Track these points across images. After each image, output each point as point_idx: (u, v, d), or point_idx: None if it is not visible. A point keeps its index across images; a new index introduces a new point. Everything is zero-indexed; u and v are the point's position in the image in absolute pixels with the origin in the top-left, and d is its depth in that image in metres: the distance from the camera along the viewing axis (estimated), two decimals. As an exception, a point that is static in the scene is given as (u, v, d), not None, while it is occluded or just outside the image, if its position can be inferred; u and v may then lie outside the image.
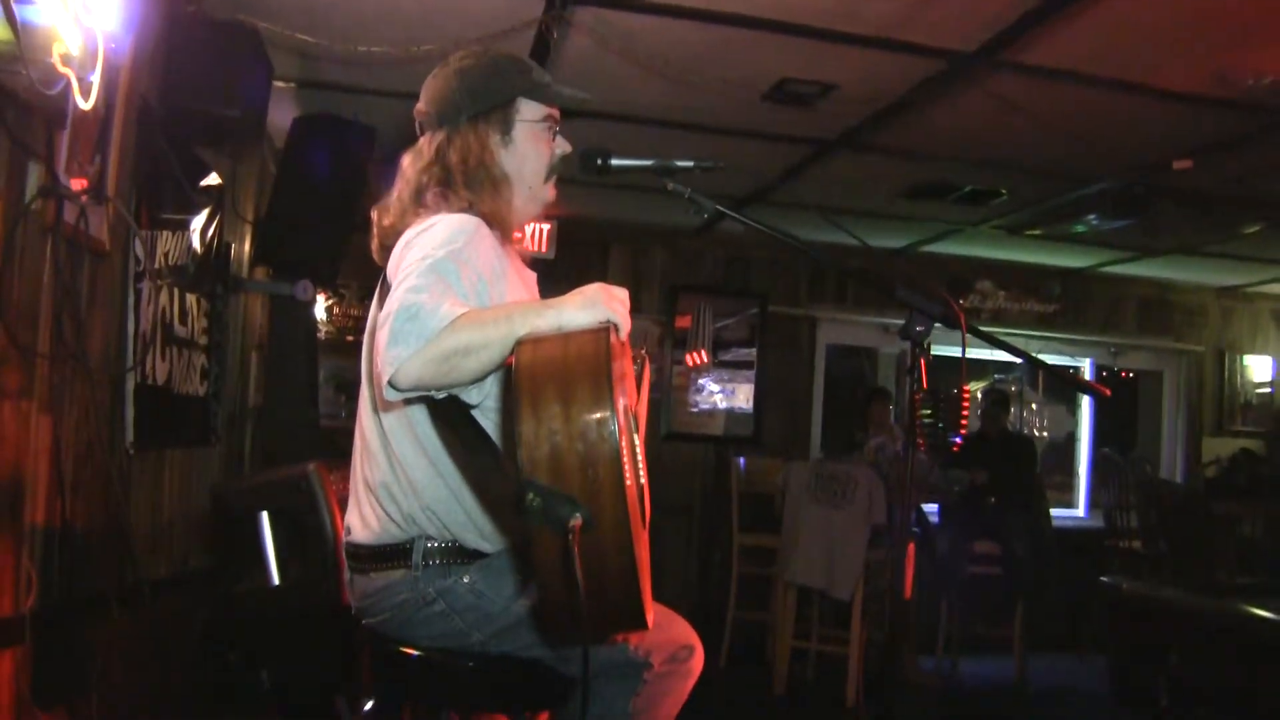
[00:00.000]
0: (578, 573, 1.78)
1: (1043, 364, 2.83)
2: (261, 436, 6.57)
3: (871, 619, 6.70)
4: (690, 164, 2.51)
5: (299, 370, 7.09)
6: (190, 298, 4.75)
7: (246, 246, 6.13)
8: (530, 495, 1.80)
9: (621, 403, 1.90)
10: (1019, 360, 2.95)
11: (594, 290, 2.07)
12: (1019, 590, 7.46)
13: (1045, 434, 10.47)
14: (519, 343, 1.94)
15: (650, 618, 1.99)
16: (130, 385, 4.02)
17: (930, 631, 7.59)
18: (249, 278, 6.19)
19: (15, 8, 2.55)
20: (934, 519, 8.06)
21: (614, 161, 2.52)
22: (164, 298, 4.39)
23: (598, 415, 1.84)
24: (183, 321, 4.65)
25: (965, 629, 7.75)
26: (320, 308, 7.82)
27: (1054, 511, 8.85)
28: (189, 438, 4.93)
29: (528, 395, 1.86)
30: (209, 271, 5.03)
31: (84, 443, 3.53)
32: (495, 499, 2.33)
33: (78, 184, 3.19)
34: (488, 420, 2.26)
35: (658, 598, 2.29)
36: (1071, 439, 10.49)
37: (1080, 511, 10.27)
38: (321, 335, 7.94)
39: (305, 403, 7.09)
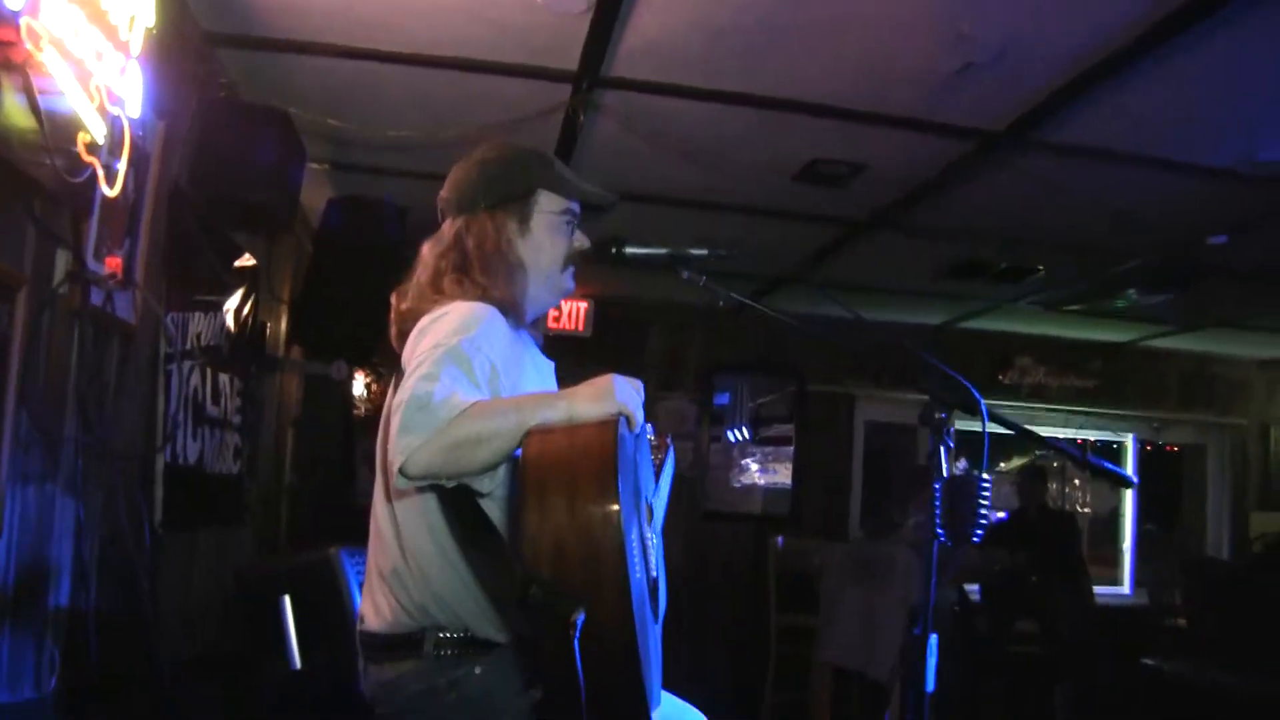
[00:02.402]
0: (578, 668, 1.76)
1: (1054, 445, 2.73)
2: (295, 515, 6.59)
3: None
4: (704, 252, 2.50)
5: (334, 449, 7.12)
6: (223, 377, 4.78)
7: (283, 326, 6.19)
8: (533, 589, 1.78)
9: (631, 495, 1.88)
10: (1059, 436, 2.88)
11: (606, 381, 2.06)
12: (1062, 671, 7.34)
13: (1089, 510, 10.32)
14: (527, 434, 1.94)
15: (655, 713, 1.96)
16: (160, 465, 4.04)
17: (973, 713, 7.45)
18: (285, 357, 6.23)
19: (39, 98, 2.60)
20: (974, 597, 7.96)
21: (629, 250, 2.51)
22: (195, 378, 4.42)
23: (603, 509, 1.82)
24: (215, 401, 4.69)
25: (1008, 709, 7.61)
26: (359, 385, 7.86)
27: (1098, 589, 8.69)
28: (221, 517, 4.94)
29: (533, 487, 1.85)
30: (243, 351, 5.07)
31: (109, 525, 3.54)
32: (503, 590, 2.31)
33: (110, 264, 3.24)
34: (499, 509, 2.25)
35: (692, 680, 2.26)
36: (1115, 515, 10.35)
37: (1125, 588, 10.11)
38: (360, 413, 7.96)
39: (339, 482, 7.11)
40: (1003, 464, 10.17)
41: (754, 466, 9.27)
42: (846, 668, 6.72)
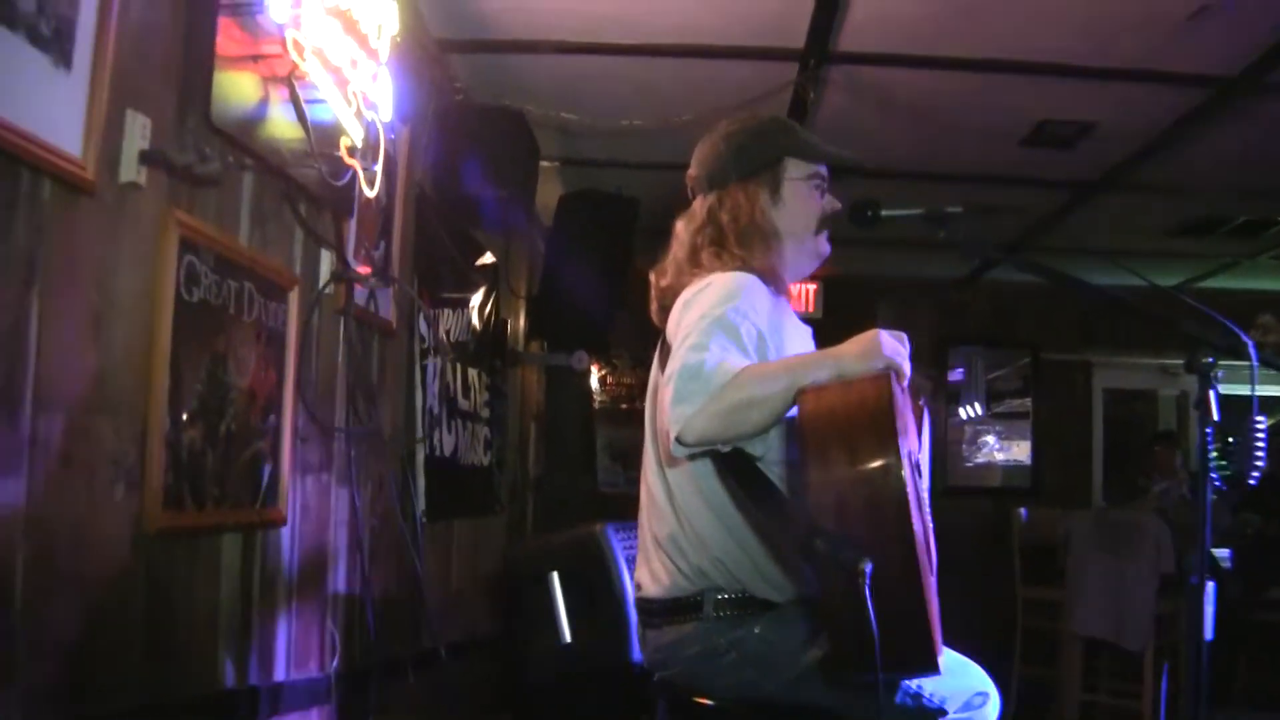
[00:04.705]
0: (870, 616, 1.77)
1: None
2: (542, 505, 6.75)
3: (1168, 670, 6.38)
4: (960, 209, 2.48)
5: (576, 439, 7.28)
6: (472, 372, 4.95)
7: (521, 321, 6.35)
8: (817, 542, 1.81)
9: (905, 448, 1.89)
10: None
11: (872, 337, 2.07)
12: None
13: (1349, 472, 9.75)
14: (801, 393, 1.96)
15: (941, 661, 1.96)
16: (421, 457, 4.21)
17: (1224, 683, 7.16)
18: (525, 351, 6.40)
19: (305, 106, 2.75)
20: (1226, 564, 7.66)
21: (884, 212, 2.50)
22: (448, 373, 4.58)
23: (882, 461, 1.83)
24: (466, 395, 4.85)
25: (1262, 681, 7.29)
26: (594, 378, 8.01)
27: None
28: (475, 507, 5.11)
29: (813, 444, 1.88)
30: (488, 346, 5.24)
31: (379, 514, 3.71)
32: (783, 548, 2.34)
33: (364, 269, 3.39)
34: (770, 473, 2.27)
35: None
36: (1378, 479, 9.76)
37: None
38: (596, 405, 8.13)
39: (582, 471, 7.26)
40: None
41: (991, 441, 9.10)
42: (1097, 638, 6.57)
